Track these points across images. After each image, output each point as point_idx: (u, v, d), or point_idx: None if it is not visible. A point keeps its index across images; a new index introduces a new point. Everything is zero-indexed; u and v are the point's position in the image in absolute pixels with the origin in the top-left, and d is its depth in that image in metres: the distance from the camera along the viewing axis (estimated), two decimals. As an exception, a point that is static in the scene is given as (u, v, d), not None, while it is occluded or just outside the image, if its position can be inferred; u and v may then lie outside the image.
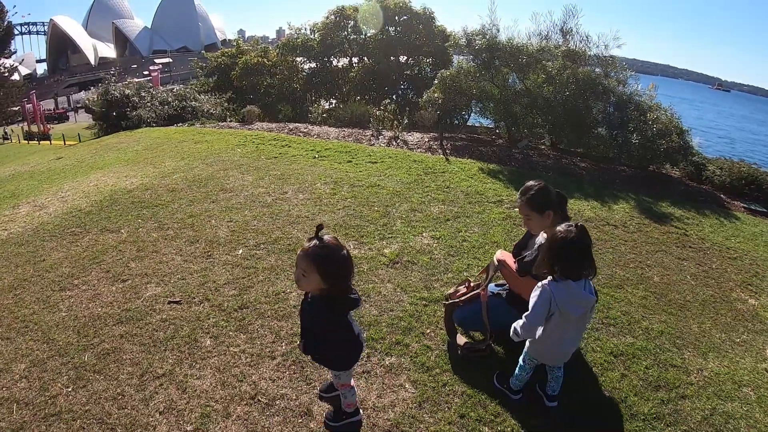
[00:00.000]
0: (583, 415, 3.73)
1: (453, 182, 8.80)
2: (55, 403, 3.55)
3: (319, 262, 2.73)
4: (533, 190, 3.84)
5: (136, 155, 11.38)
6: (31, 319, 4.59)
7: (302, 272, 2.77)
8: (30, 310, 4.74)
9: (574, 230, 3.10)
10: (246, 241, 6.11)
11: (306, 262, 2.75)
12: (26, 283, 5.30)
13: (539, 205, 3.82)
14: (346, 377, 3.16)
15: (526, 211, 3.89)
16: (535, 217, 3.87)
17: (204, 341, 4.24)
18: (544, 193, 3.84)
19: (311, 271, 2.75)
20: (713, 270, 6.54)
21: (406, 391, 3.77)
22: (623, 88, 12.12)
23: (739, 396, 4.14)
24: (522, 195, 3.90)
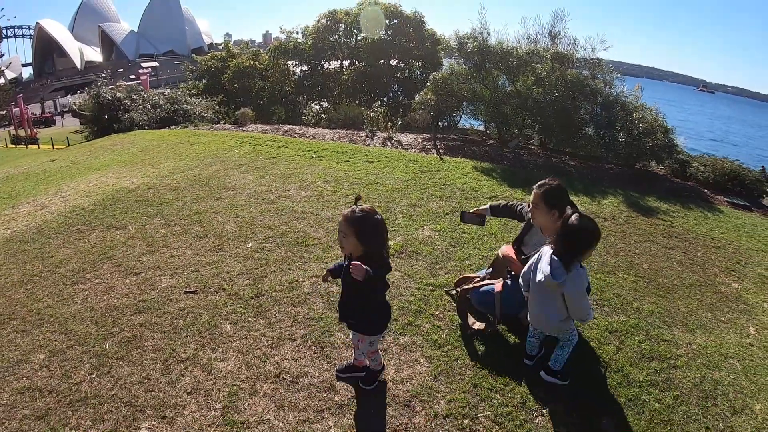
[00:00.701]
0: (585, 383, 4.01)
1: (449, 180, 9.04)
2: (80, 390, 3.62)
3: (357, 225, 3.13)
4: (551, 186, 4.08)
5: (132, 156, 11.46)
6: (46, 312, 4.66)
7: (343, 235, 3.18)
8: (44, 304, 4.81)
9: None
10: (254, 235, 6.28)
11: (345, 225, 3.16)
12: (36, 278, 5.36)
13: (550, 200, 4.05)
14: (376, 343, 3.56)
15: (537, 200, 4.11)
16: (542, 209, 4.09)
17: (224, 327, 4.40)
18: (559, 191, 4.08)
19: (350, 233, 3.15)
20: (698, 257, 6.87)
21: (421, 365, 4.01)
22: (610, 90, 12.45)
23: (726, 366, 4.46)
24: (539, 187, 4.12)
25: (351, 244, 3.21)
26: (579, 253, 3.35)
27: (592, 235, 3.28)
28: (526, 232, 4.50)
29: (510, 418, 3.57)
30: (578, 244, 3.30)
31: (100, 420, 3.37)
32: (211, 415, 3.44)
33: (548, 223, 4.12)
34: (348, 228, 3.18)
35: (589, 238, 3.29)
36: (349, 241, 3.21)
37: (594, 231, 3.29)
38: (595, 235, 3.30)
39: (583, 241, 3.31)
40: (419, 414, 3.56)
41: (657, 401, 3.90)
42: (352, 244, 3.21)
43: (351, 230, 3.17)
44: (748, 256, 7.18)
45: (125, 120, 17.54)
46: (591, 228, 3.30)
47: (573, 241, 3.32)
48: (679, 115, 52.28)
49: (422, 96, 14.17)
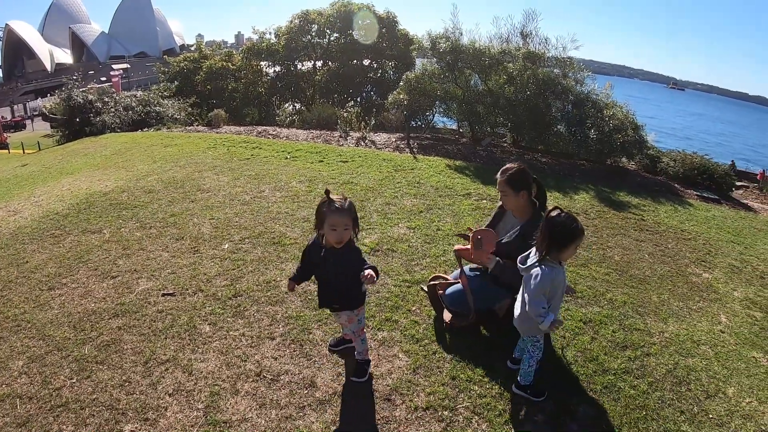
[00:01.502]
0: (561, 372, 4.12)
1: (423, 178, 9.12)
2: (61, 395, 3.60)
3: (354, 213, 3.38)
4: (512, 170, 4.20)
5: (105, 160, 11.36)
6: (23, 318, 4.61)
7: (345, 227, 3.35)
8: (20, 310, 4.75)
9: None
10: (230, 237, 6.29)
11: (348, 218, 3.36)
12: (12, 284, 5.29)
13: (516, 184, 4.18)
14: (363, 319, 3.76)
15: (503, 187, 4.23)
16: (510, 194, 4.23)
17: (203, 328, 4.42)
18: (523, 174, 4.20)
19: (350, 223, 3.37)
20: (669, 249, 7.03)
21: (399, 360, 4.08)
22: (581, 88, 12.62)
23: (698, 353, 4.60)
24: (502, 174, 4.23)
25: (348, 233, 3.42)
26: (556, 249, 3.40)
27: (569, 232, 3.32)
28: (498, 220, 4.59)
29: (489, 408, 3.65)
30: (555, 239, 3.35)
31: (82, 425, 3.36)
32: (194, 415, 3.45)
33: (519, 205, 4.29)
34: (349, 219, 3.38)
35: (565, 235, 3.33)
36: (349, 232, 3.42)
37: (572, 229, 3.32)
38: (574, 232, 3.33)
39: (560, 237, 3.35)
40: (400, 407, 3.61)
41: (632, 388, 4.00)
42: (348, 233, 3.43)
43: (351, 220, 3.40)
44: (718, 248, 7.36)
45: (97, 123, 17.35)
46: (569, 225, 3.34)
47: (550, 235, 3.37)
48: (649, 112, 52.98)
49: (395, 96, 14.21)
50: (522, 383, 3.80)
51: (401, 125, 14.70)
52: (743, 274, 6.59)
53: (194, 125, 16.85)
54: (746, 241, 7.85)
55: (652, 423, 3.68)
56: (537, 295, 3.40)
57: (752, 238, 8.07)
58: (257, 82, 23.44)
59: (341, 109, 16.37)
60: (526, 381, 3.79)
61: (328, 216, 3.32)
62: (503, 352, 4.23)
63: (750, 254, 7.29)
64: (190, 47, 60.24)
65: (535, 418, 3.63)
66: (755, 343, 4.93)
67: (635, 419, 3.69)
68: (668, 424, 3.68)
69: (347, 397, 3.69)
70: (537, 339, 3.68)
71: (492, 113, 13.49)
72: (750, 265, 6.89)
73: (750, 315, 5.51)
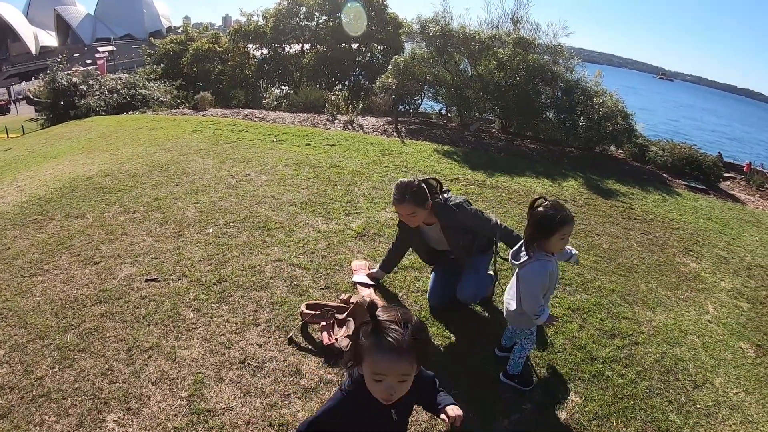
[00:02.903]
0: (549, 360, 4.10)
1: (410, 162, 9.08)
2: (42, 385, 3.54)
3: (422, 348, 2.26)
4: (413, 188, 4.07)
5: (89, 143, 11.22)
6: (4, 306, 4.52)
7: (401, 377, 2.09)
8: (1, 298, 4.67)
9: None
10: (215, 221, 6.21)
11: (408, 362, 2.08)
12: None
13: (420, 199, 4.08)
14: None
15: (410, 209, 4.10)
16: (420, 211, 4.12)
17: (187, 314, 4.35)
18: (420, 188, 4.09)
19: (413, 367, 2.35)
20: (657, 238, 7.03)
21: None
22: (571, 75, 12.62)
23: (686, 342, 4.60)
24: (402, 196, 4.07)
25: (406, 386, 2.13)
26: (541, 239, 3.35)
27: (553, 221, 3.27)
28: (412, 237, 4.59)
29: (476, 397, 3.62)
30: (539, 229, 3.31)
31: (65, 415, 3.29)
32: (177, 404, 3.40)
33: (428, 216, 4.22)
34: (410, 364, 2.09)
35: (548, 224, 3.28)
36: (407, 384, 2.14)
37: (554, 217, 3.27)
38: (558, 220, 3.28)
39: (543, 227, 3.30)
40: (386, 396, 3.57)
41: (620, 377, 3.99)
42: (406, 387, 2.14)
43: (413, 362, 2.11)
44: (705, 237, 7.38)
45: (81, 106, 17.15)
46: (552, 214, 3.29)
47: (534, 224, 3.33)
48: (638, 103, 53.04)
49: (384, 79, 14.12)
50: (511, 372, 3.77)
51: (389, 109, 14.62)
52: (730, 264, 6.61)
53: (180, 108, 16.64)
54: (733, 232, 7.88)
55: (640, 412, 3.67)
56: (534, 293, 3.37)
57: (739, 229, 8.11)
58: (244, 65, 23.22)
59: (329, 92, 16.25)
60: (515, 371, 3.76)
61: (372, 356, 1.96)
62: (491, 340, 4.21)
63: (737, 245, 7.32)
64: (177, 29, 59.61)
65: (523, 407, 3.61)
66: (742, 334, 4.95)
67: (623, 408, 3.68)
68: (656, 414, 3.68)
69: (332, 385, 3.64)
70: (531, 332, 3.65)
71: (481, 98, 13.47)
72: (737, 256, 6.92)
73: (737, 305, 5.53)
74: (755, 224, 8.62)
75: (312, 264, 5.22)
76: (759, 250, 7.27)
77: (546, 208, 3.27)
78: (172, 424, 3.24)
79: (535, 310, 3.34)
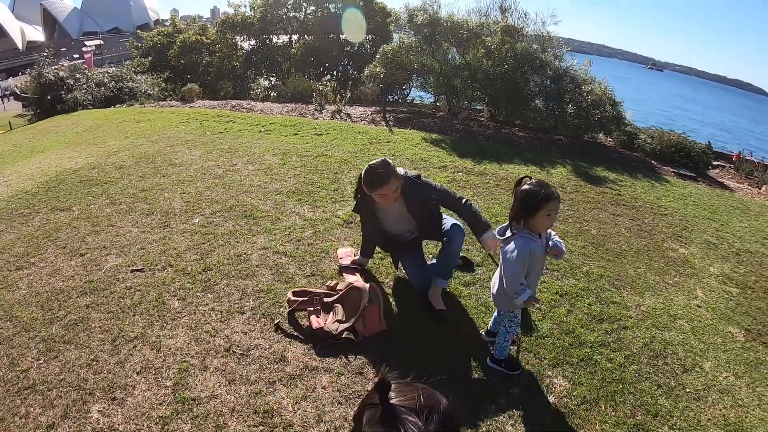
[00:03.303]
0: (537, 345, 4.10)
1: (398, 150, 9.04)
2: (28, 377, 3.51)
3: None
4: (389, 166, 4.03)
5: (76, 137, 11.11)
6: None
7: None
8: None
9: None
10: (201, 210, 6.17)
11: None
12: None
13: (397, 174, 4.06)
14: None
15: (395, 184, 4.04)
16: (390, 192, 4.06)
17: (172, 303, 4.33)
18: (386, 167, 4.02)
19: None
20: (646, 224, 7.03)
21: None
22: (559, 63, 12.60)
23: (675, 327, 4.62)
24: (387, 174, 4.00)
25: None
26: (527, 216, 3.33)
27: (537, 198, 3.25)
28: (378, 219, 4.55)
29: (464, 381, 3.63)
30: (523, 207, 3.29)
31: (50, 406, 3.27)
32: (162, 393, 3.38)
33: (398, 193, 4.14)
34: None
35: (532, 202, 3.26)
36: None
37: (537, 194, 3.25)
38: (542, 197, 3.26)
39: (527, 204, 3.28)
40: (372, 381, 3.53)
41: (609, 361, 4.00)
42: None
43: None
44: (694, 224, 7.39)
45: (69, 100, 16.98)
46: (536, 191, 3.27)
47: (519, 203, 3.31)
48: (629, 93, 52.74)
49: (372, 69, 14.06)
50: (497, 357, 3.76)
51: (377, 99, 14.58)
52: (719, 250, 6.63)
53: (167, 100, 16.50)
54: (722, 219, 7.90)
55: (629, 396, 3.68)
56: (514, 269, 3.31)
57: (728, 216, 8.12)
58: (232, 56, 23.03)
59: (317, 82, 16.17)
60: (501, 355, 3.75)
61: None
62: (477, 324, 4.22)
63: (726, 231, 7.34)
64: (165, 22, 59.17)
65: (510, 391, 3.60)
66: (731, 318, 4.97)
67: (612, 392, 3.69)
68: (645, 398, 3.69)
69: (317, 372, 3.64)
70: (514, 314, 3.62)
71: (469, 87, 13.43)
72: (726, 241, 6.94)
73: (726, 291, 5.55)
74: (744, 211, 8.64)
75: (298, 251, 5.20)
76: (748, 236, 7.30)
77: (531, 185, 3.25)
78: (156, 413, 3.22)
79: (516, 288, 3.29)
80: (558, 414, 3.48)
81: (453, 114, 13.58)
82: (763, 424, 3.65)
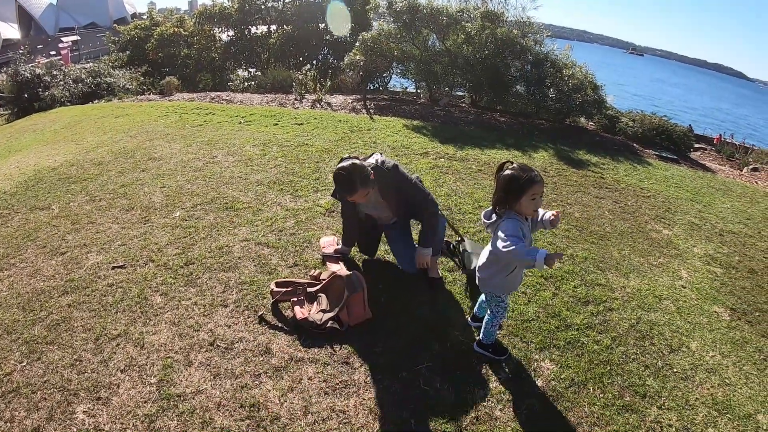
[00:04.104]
0: (523, 328, 4.11)
1: (379, 138, 9.00)
2: (11, 380, 3.46)
3: None
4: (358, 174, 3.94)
5: (54, 135, 10.94)
6: None
7: None
8: None
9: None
10: (182, 204, 6.10)
11: None
12: None
13: (369, 179, 4.01)
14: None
15: (364, 192, 4.03)
16: (370, 189, 4.09)
17: (154, 299, 4.28)
18: (358, 170, 3.95)
19: None
20: (629, 206, 7.08)
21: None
22: (540, 48, 12.60)
23: (660, 307, 4.65)
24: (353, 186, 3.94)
25: None
26: (511, 201, 3.30)
27: (520, 182, 3.23)
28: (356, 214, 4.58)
29: (450, 368, 3.63)
30: (507, 192, 3.27)
31: (35, 409, 3.22)
32: (147, 390, 3.34)
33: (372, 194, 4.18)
34: None
35: (516, 186, 3.24)
36: None
37: (520, 178, 3.23)
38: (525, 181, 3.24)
39: (512, 189, 3.26)
40: (358, 370, 3.56)
41: (595, 343, 4.02)
42: None
43: None
44: (677, 205, 7.46)
45: (46, 98, 16.75)
46: (519, 176, 3.25)
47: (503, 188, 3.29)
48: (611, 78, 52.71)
49: (352, 57, 13.98)
50: (484, 342, 3.75)
51: (358, 87, 14.53)
52: (703, 231, 6.69)
53: (146, 94, 16.36)
54: (705, 200, 7.97)
55: (616, 378, 3.70)
56: (511, 238, 3.20)
57: (710, 197, 8.20)
58: (210, 48, 22.88)
59: (297, 72, 16.07)
60: (488, 340, 3.74)
61: None
62: (464, 310, 4.21)
63: (709, 212, 7.41)
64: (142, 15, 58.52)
65: (498, 376, 3.60)
66: (716, 298, 5.02)
67: (600, 374, 3.70)
68: (633, 379, 3.71)
69: (303, 363, 3.61)
70: (501, 299, 3.59)
71: (450, 73, 13.43)
72: (709, 222, 7.00)
73: (710, 271, 5.60)
74: (726, 192, 8.72)
75: (280, 242, 5.16)
76: (731, 217, 7.37)
77: (513, 170, 3.22)
78: (142, 411, 3.19)
79: (526, 256, 3.15)
80: (546, 398, 3.48)
81: (434, 101, 13.55)
82: (750, 402, 3.68)
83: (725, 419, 3.50)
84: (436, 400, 3.38)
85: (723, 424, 3.46)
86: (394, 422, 3.22)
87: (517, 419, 3.30)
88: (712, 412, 3.54)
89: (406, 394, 3.40)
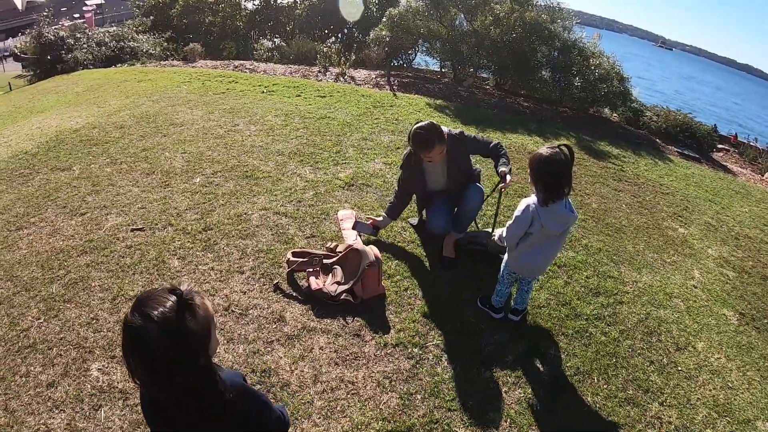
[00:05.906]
0: (533, 314, 4.14)
1: (401, 115, 8.95)
2: (28, 336, 3.52)
3: None
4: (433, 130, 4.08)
5: (77, 97, 11.00)
6: None
7: None
8: None
9: (555, 151, 3.29)
10: (202, 170, 6.12)
11: None
12: None
13: (444, 137, 4.12)
14: None
15: (441, 149, 4.14)
16: (438, 150, 4.14)
17: (172, 262, 4.33)
18: (437, 126, 4.11)
19: None
20: (647, 202, 7.06)
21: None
22: (568, 35, 12.41)
23: (670, 305, 4.66)
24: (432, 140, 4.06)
25: None
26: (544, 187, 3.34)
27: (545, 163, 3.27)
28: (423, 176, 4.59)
29: (459, 347, 3.66)
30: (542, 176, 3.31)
31: (50, 365, 3.29)
32: (161, 351, 3.38)
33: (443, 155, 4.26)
34: None
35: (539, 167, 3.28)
36: None
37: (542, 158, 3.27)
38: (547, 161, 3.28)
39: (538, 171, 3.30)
40: (369, 343, 3.61)
41: (603, 334, 4.05)
42: None
43: None
44: (695, 204, 7.42)
45: (69, 60, 16.74)
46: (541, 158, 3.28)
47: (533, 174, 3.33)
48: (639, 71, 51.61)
49: (377, 32, 13.91)
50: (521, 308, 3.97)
51: (382, 62, 14.46)
52: (719, 233, 6.67)
53: (169, 60, 16.34)
54: (723, 202, 7.93)
55: (621, 370, 3.73)
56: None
57: (729, 200, 8.15)
58: (235, 16, 22.76)
59: (322, 44, 16.00)
60: (499, 303, 3.95)
61: None
62: (475, 290, 4.23)
63: (726, 214, 7.38)
64: (167, -19, 58.49)
65: (505, 360, 3.64)
66: (726, 301, 5.03)
67: (605, 366, 3.74)
68: (637, 373, 3.74)
69: (315, 332, 3.66)
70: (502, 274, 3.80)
71: (476, 54, 13.27)
72: (726, 225, 6.98)
73: (723, 273, 5.60)
74: (745, 196, 8.65)
75: (298, 213, 5.19)
76: (748, 221, 7.33)
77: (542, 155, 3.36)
78: (155, 371, 3.23)
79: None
80: (551, 384, 3.53)
81: (458, 81, 13.45)
82: (750, 408, 3.70)
83: (724, 422, 3.53)
84: (443, 378, 3.42)
85: (722, 426, 3.49)
86: (401, 397, 3.27)
87: (521, 403, 3.34)
88: (712, 413, 3.57)
89: (414, 370, 3.44)
